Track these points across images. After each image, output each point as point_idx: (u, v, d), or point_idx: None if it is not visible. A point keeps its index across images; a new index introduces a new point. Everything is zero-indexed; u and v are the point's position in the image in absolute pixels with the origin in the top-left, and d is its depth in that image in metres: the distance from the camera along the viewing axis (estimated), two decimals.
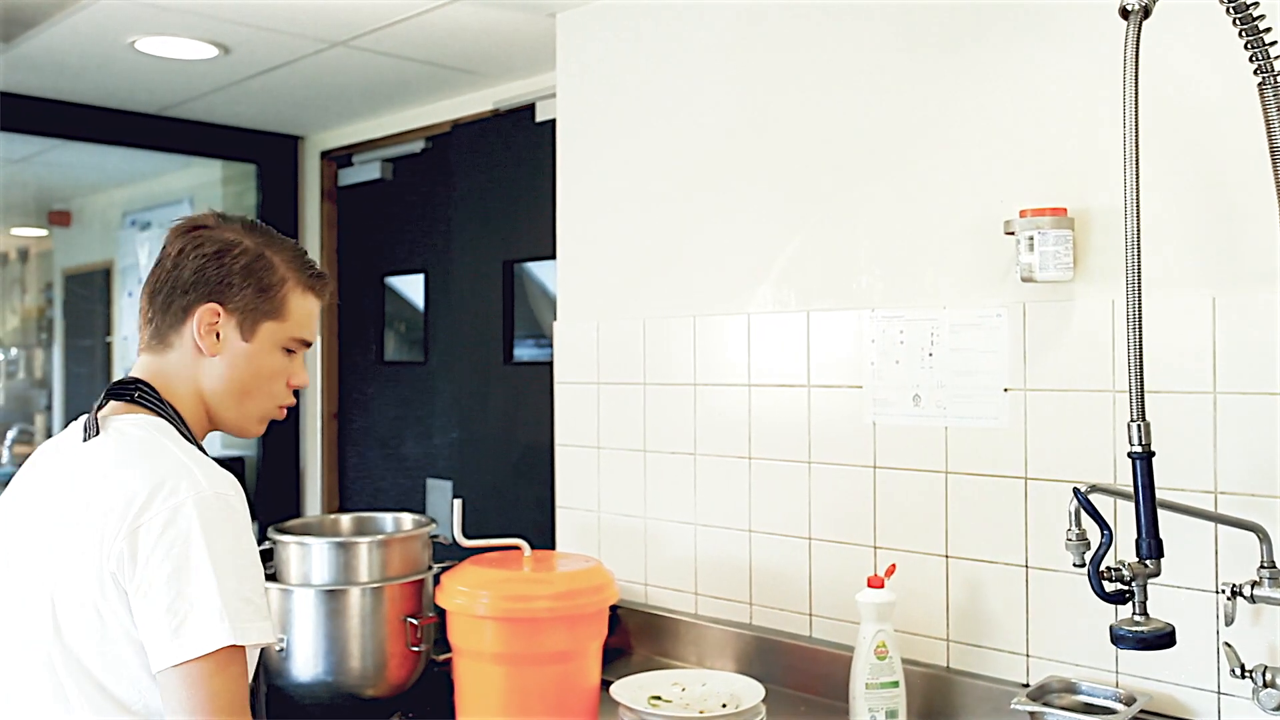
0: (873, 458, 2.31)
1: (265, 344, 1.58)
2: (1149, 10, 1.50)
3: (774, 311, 2.48)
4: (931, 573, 2.22)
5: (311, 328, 1.64)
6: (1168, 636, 1.49)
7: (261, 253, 1.58)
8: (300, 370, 1.65)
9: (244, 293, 1.56)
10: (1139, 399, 1.50)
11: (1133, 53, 1.48)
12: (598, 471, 2.84)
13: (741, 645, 2.50)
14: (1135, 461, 1.49)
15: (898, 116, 2.28)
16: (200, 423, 1.60)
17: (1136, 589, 1.53)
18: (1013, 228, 2.02)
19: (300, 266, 1.62)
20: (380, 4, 2.87)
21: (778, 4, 2.47)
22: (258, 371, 1.58)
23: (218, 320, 1.55)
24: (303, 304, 1.61)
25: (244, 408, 1.60)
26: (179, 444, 1.49)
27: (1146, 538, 1.48)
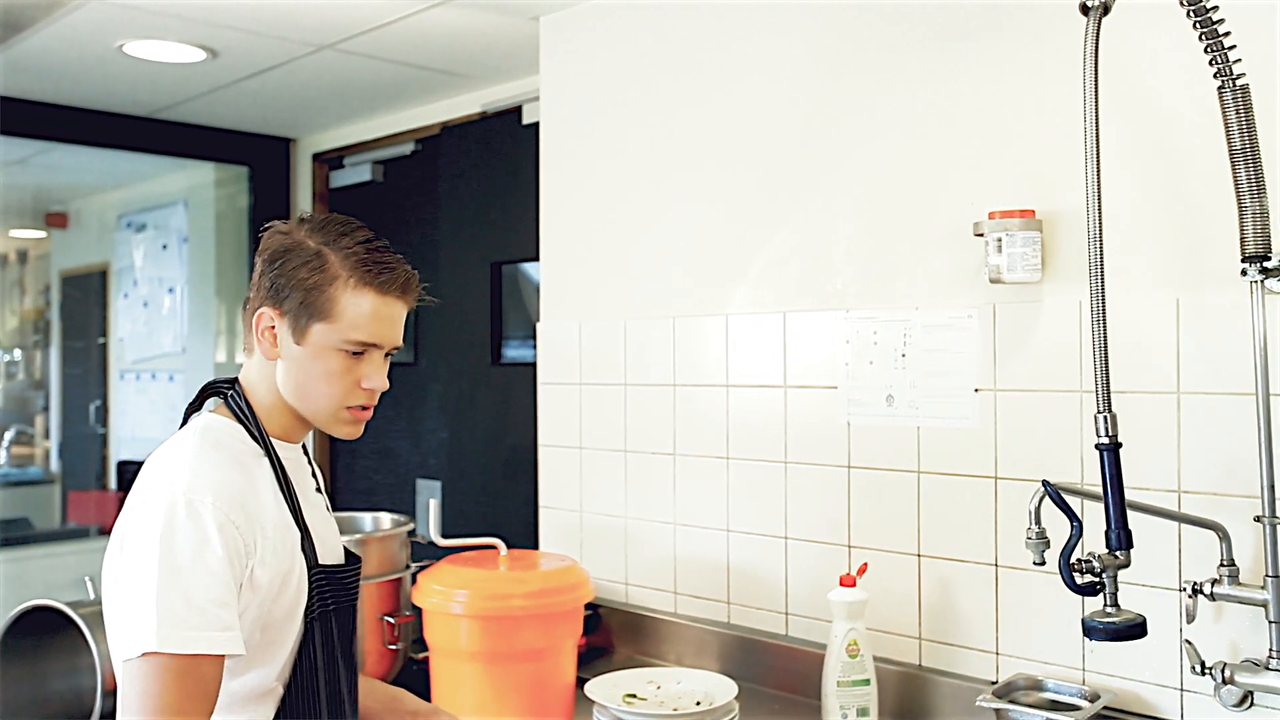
0: (847, 458, 2.33)
1: (317, 346, 1.51)
2: (1108, 7, 1.53)
3: (751, 313, 2.50)
4: (904, 572, 2.24)
5: (371, 328, 1.52)
6: (1139, 627, 1.52)
7: (318, 251, 1.51)
8: (373, 372, 1.55)
9: (295, 294, 1.51)
10: (1105, 391, 1.51)
11: (1092, 48, 1.50)
12: (580, 472, 2.87)
13: (719, 644, 2.52)
14: (1103, 453, 1.52)
15: (872, 121, 2.30)
16: (287, 422, 1.59)
17: (1107, 580, 1.55)
18: (982, 229, 2.04)
19: (359, 262, 1.51)
20: (365, 8, 2.89)
21: (755, 11, 2.49)
22: (312, 374, 1.53)
23: (273, 324, 1.53)
24: (357, 302, 1.51)
25: (311, 409, 1.56)
26: (206, 444, 1.50)
27: (1116, 529, 1.51)
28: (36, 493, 6.21)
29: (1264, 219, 1.68)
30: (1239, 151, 1.66)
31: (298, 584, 1.51)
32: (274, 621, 1.49)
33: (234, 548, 1.41)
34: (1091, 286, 1.54)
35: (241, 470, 1.50)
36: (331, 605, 1.57)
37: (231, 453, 1.52)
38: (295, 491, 1.56)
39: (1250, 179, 1.66)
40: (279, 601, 1.49)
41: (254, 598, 1.45)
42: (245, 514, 1.44)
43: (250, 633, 1.45)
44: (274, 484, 1.53)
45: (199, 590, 1.36)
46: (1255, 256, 1.68)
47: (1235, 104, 1.65)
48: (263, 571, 1.45)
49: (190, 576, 1.36)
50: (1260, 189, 1.67)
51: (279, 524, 1.50)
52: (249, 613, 1.45)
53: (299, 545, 1.52)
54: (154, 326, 5.34)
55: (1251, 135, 1.65)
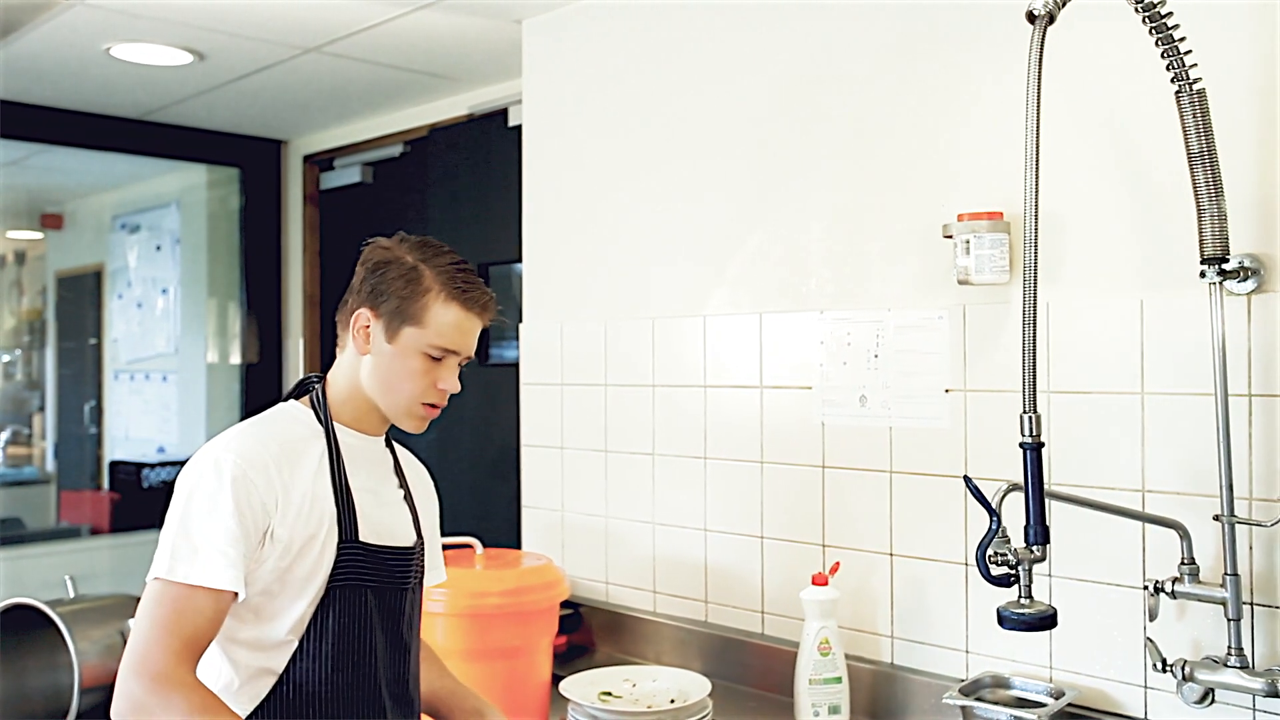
0: (822, 458, 2.35)
1: (405, 347, 1.69)
2: (1053, 16, 1.54)
3: (728, 313, 2.52)
4: (877, 571, 2.26)
5: (453, 337, 1.70)
6: (1049, 618, 1.56)
7: (416, 265, 1.70)
8: (448, 375, 1.72)
9: (391, 300, 1.69)
10: (1031, 392, 1.54)
11: (1037, 57, 1.52)
12: (561, 471, 2.89)
13: (697, 642, 2.54)
14: (1025, 451, 1.54)
15: (846, 124, 2.32)
16: (361, 414, 1.76)
17: (1022, 573, 1.58)
18: (951, 231, 2.06)
19: (449, 280, 1.70)
20: (349, 11, 2.91)
21: (733, 17, 2.51)
22: (397, 372, 1.69)
23: (369, 324, 1.71)
24: (444, 313, 1.69)
25: (389, 402, 1.72)
26: (261, 419, 1.72)
27: (1034, 524, 1.54)
28: (32, 493, 6.23)
29: (1222, 221, 1.70)
30: (1196, 154, 1.68)
31: (321, 550, 1.65)
32: (294, 578, 1.63)
33: (247, 500, 1.58)
34: (1025, 291, 1.56)
35: (283, 441, 1.67)
36: (370, 581, 1.70)
37: (280, 427, 1.71)
38: (346, 472, 1.71)
39: (1208, 181, 1.68)
40: (301, 560, 1.63)
41: (273, 549, 1.61)
42: (266, 475, 1.61)
43: (268, 581, 1.62)
44: (323, 460, 1.69)
45: (202, 532, 1.55)
46: (1213, 259, 1.70)
47: (1192, 107, 1.67)
48: (282, 530, 1.61)
49: (199, 520, 1.56)
50: (1218, 191, 1.69)
51: (311, 493, 1.66)
52: (268, 563, 1.61)
53: (333, 517, 1.66)
54: (147, 327, 5.36)
55: (1209, 138, 1.67)
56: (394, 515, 1.80)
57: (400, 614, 1.77)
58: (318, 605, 1.66)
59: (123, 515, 4.93)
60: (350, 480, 1.72)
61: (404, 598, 1.77)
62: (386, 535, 1.75)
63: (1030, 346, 1.58)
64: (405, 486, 1.86)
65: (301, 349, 4.54)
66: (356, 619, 1.69)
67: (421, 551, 1.83)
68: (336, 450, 1.72)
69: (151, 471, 4.85)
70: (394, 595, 1.75)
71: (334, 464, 1.71)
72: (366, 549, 1.70)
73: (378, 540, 1.73)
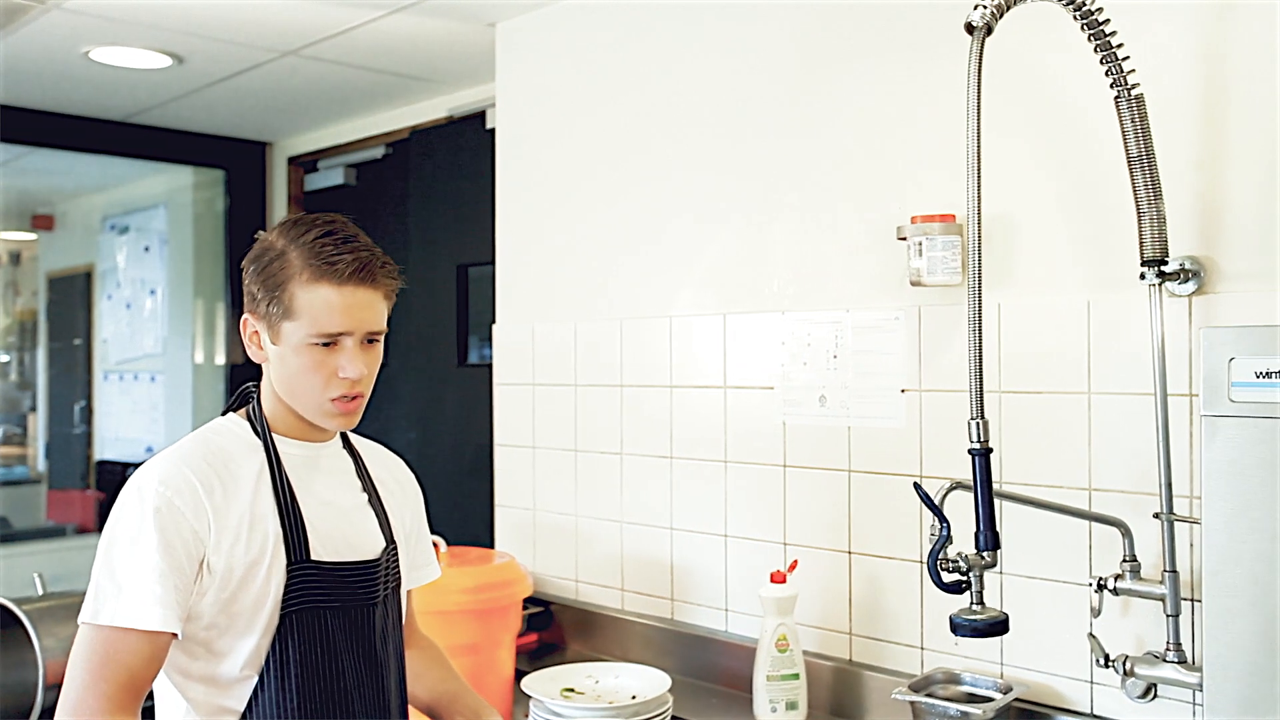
0: (783, 457, 2.38)
1: (290, 344, 1.55)
2: (991, 28, 1.57)
3: (693, 314, 2.55)
4: (836, 569, 2.29)
5: (333, 319, 1.53)
6: (1001, 624, 1.56)
7: (282, 251, 1.55)
8: (347, 361, 1.55)
9: (263, 297, 1.56)
10: (978, 398, 1.56)
11: (976, 66, 1.54)
12: (533, 471, 2.92)
13: (663, 640, 2.57)
14: (974, 457, 1.55)
15: (806, 128, 2.34)
16: (292, 420, 1.64)
17: (973, 579, 1.59)
18: (904, 233, 2.08)
19: (312, 255, 1.52)
20: (324, 15, 2.94)
21: (699, 25, 2.54)
22: (293, 370, 1.56)
23: (256, 329, 1.59)
24: (313, 296, 1.52)
25: (300, 404, 1.60)
26: (192, 438, 1.60)
27: (984, 530, 1.55)
28: (23, 492, 6.27)
29: (1161, 224, 1.72)
30: (1135, 158, 1.71)
31: (267, 576, 1.53)
32: (240, 610, 1.52)
33: (175, 531, 1.47)
34: (969, 297, 1.57)
35: (215, 461, 1.55)
36: (329, 602, 1.57)
37: (213, 445, 1.58)
38: (291, 486, 1.58)
39: (1146, 185, 1.71)
40: (245, 590, 1.52)
41: (211, 581, 1.49)
42: (195, 501, 1.49)
43: (212, 615, 1.51)
44: (262, 476, 1.57)
45: (126, 570, 1.45)
46: (1153, 261, 1.73)
47: (1130, 112, 1.69)
48: (217, 559, 1.49)
49: (122, 556, 1.46)
50: (1157, 194, 1.71)
51: (250, 515, 1.53)
52: (208, 595, 1.50)
53: (278, 538, 1.54)
54: (136, 328, 5.39)
55: (1147, 142, 1.70)
56: (355, 525, 1.67)
57: (371, 630, 1.63)
58: (274, 636, 1.53)
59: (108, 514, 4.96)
60: (297, 494, 1.59)
61: (373, 613, 1.64)
62: (345, 549, 1.62)
63: (976, 352, 1.59)
64: (371, 489, 1.73)
65: None
66: (319, 646, 1.56)
67: (393, 557, 1.70)
68: (277, 463, 1.59)
69: None
70: (361, 612, 1.62)
71: (276, 479, 1.58)
72: (321, 568, 1.57)
73: (335, 556, 1.60)
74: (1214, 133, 1.79)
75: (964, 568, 1.58)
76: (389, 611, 1.68)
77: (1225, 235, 1.77)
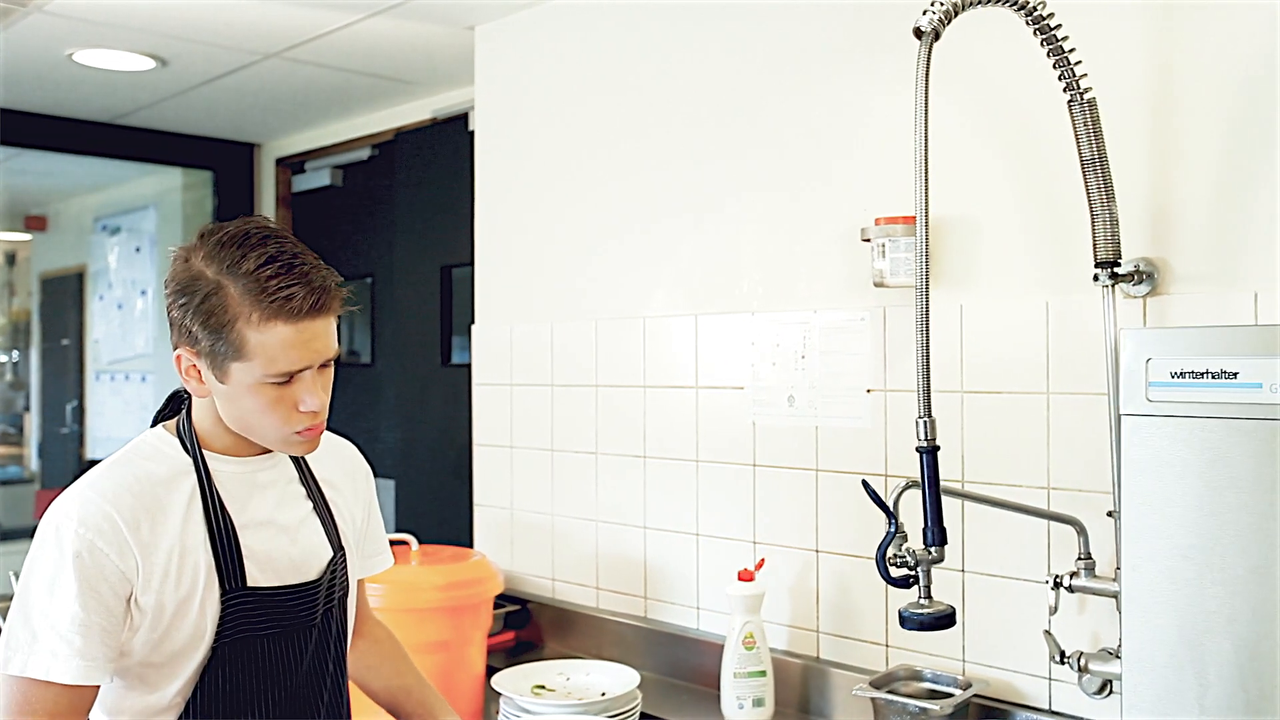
0: (753, 456, 2.40)
1: (242, 384, 1.42)
2: (939, 33, 1.59)
3: (666, 315, 2.57)
4: (804, 567, 2.31)
5: (289, 356, 1.40)
6: (948, 618, 1.59)
7: (218, 284, 1.39)
8: (307, 394, 1.44)
9: (204, 336, 1.40)
10: (925, 397, 1.58)
11: (924, 71, 1.57)
12: (511, 470, 2.94)
13: (636, 638, 2.59)
14: (922, 455, 1.58)
15: (775, 131, 2.37)
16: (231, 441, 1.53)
17: (921, 574, 1.62)
18: (868, 235, 2.11)
19: (259, 292, 1.38)
20: (304, 18, 2.97)
21: (673, 35, 2.56)
22: (247, 409, 1.44)
23: (194, 364, 1.45)
24: (265, 337, 1.38)
25: (259, 437, 1.49)
26: (116, 463, 1.48)
27: (931, 526, 1.58)
28: (17, 492, 6.31)
29: (1114, 226, 1.75)
30: (1088, 161, 1.73)
31: (201, 609, 1.45)
32: (174, 646, 1.45)
33: (98, 574, 1.37)
34: (918, 298, 1.60)
35: (138, 494, 1.44)
36: (265, 628, 1.50)
37: (138, 470, 1.47)
38: (226, 509, 1.49)
39: (1099, 187, 1.73)
40: (179, 627, 1.44)
41: (142, 620, 1.42)
42: (118, 541, 1.39)
43: (145, 654, 1.44)
44: (193, 502, 1.47)
45: (42, 617, 1.36)
46: (1106, 263, 1.75)
47: (1083, 115, 1.72)
48: (147, 598, 1.41)
49: (37, 603, 1.36)
50: (1109, 197, 1.74)
51: (180, 548, 1.44)
52: (140, 634, 1.42)
53: (210, 568, 1.45)
54: (127, 328, 5.42)
55: (1099, 145, 1.72)
56: (298, 543, 1.57)
57: (303, 653, 1.56)
58: (205, 666, 1.46)
59: None
60: (234, 517, 1.49)
61: (310, 634, 1.57)
62: (288, 571, 1.54)
63: (924, 352, 1.62)
64: (316, 494, 1.63)
65: None
66: (249, 674, 1.49)
67: (340, 566, 1.63)
68: (209, 485, 1.48)
69: None
70: (299, 634, 1.55)
71: (208, 503, 1.47)
72: (258, 594, 1.49)
73: (276, 580, 1.52)
74: (1167, 135, 1.81)
75: (912, 563, 1.61)
76: (331, 625, 1.61)
77: (1178, 237, 1.79)
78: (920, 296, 1.59)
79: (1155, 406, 1.12)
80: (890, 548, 1.66)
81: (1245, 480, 1.07)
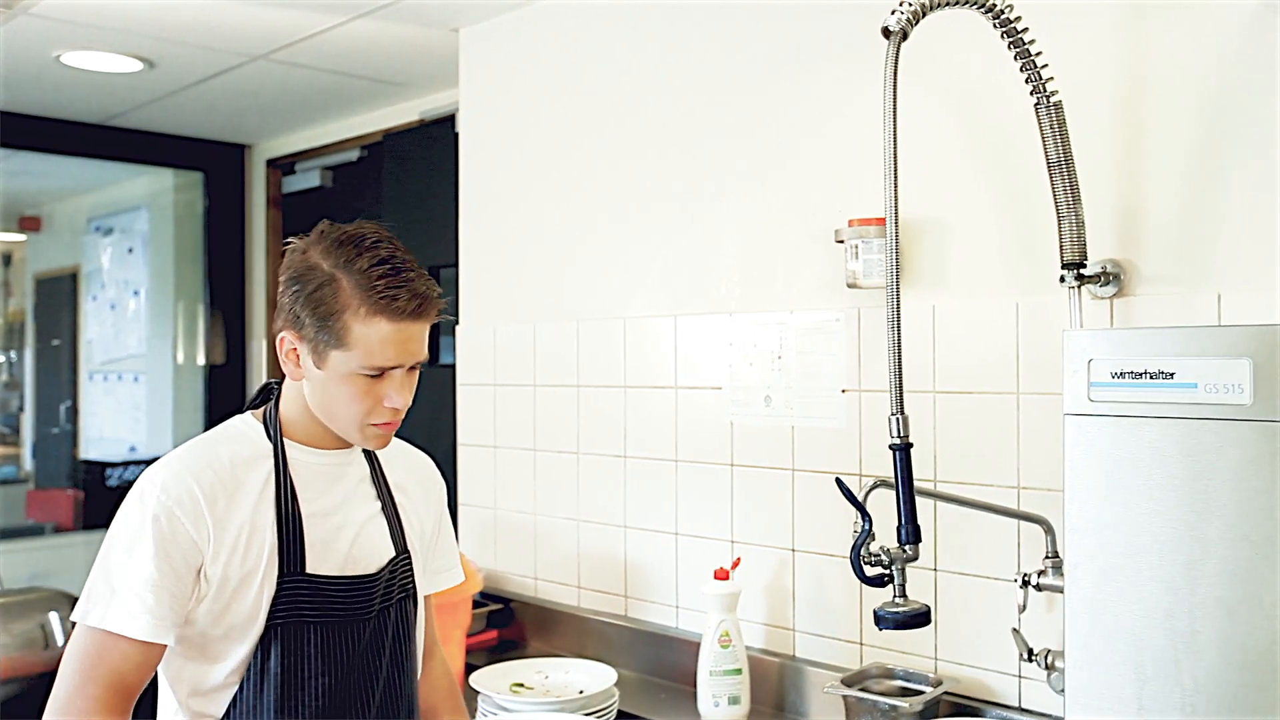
0: (730, 456, 2.42)
1: (337, 372, 1.51)
2: (906, 33, 1.60)
3: (646, 316, 2.59)
4: (780, 566, 2.33)
5: (386, 353, 1.49)
6: (922, 616, 1.59)
7: (332, 276, 1.49)
8: (394, 391, 1.53)
9: (311, 322, 1.50)
10: (898, 395, 1.59)
11: (892, 71, 1.58)
12: (494, 470, 2.96)
13: (617, 636, 2.61)
14: (895, 453, 1.59)
15: (753, 132, 2.38)
16: (315, 431, 1.61)
17: (896, 573, 1.62)
18: (842, 236, 2.12)
19: (371, 289, 1.48)
20: (289, 21, 2.98)
21: (653, 41, 2.58)
22: (336, 396, 1.53)
23: (295, 348, 1.54)
24: (368, 331, 1.47)
25: (338, 426, 1.57)
26: (202, 440, 1.59)
27: (906, 524, 1.58)
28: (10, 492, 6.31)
29: (1079, 227, 1.76)
30: (1055, 163, 1.74)
31: (260, 588, 1.52)
32: (233, 620, 1.51)
33: (172, 540, 1.46)
34: (889, 297, 1.61)
35: (221, 468, 1.53)
36: (313, 616, 1.55)
37: (222, 450, 1.56)
38: (297, 496, 1.56)
39: (1065, 189, 1.75)
40: (240, 601, 1.51)
41: (207, 590, 1.49)
42: (195, 511, 1.48)
43: (205, 624, 1.51)
44: (268, 485, 1.55)
45: (121, 575, 1.46)
46: (1072, 264, 1.77)
47: (1050, 118, 1.73)
48: (214, 569, 1.49)
49: (117, 562, 1.47)
50: (1075, 199, 1.75)
51: (249, 525, 1.52)
52: (203, 604, 1.50)
53: (273, 549, 1.52)
54: (120, 328, 5.44)
55: (1065, 148, 1.74)
56: (360, 537, 1.63)
57: (355, 646, 1.60)
58: (258, 646, 1.52)
59: (87, 513, 5.01)
60: (302, 505, 1.57)
61: (364, 628, 1.61)
62: (347, 563, 1.60)
63: (896, 350, 1.63)
64: (386, 496, 1.70)
65: (265, 351, 4.61)
66: (299, 658, 1.54)
67: (402, 567, 1.68)
68: (285, 472, 1.57)
69: (115, 470, 4.92)
70: (352, 628, 1.59)
71: (281, 488, 1.55)
72: (313, 582, 1.55)
73: (334, 570, 1.58)
74: (1134, 138, 1.83)
75: (886, 561, 1.62)
76: (388, 624, 1.65)
77: (1145, 239, 1.81)
78: (890, 295, 1.61)
79: (1097, 406, 1.14)
80: (864, 546, 1.67)
81: (1181, 479, 1.08)
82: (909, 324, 2.11)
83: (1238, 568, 1.05)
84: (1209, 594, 1.07)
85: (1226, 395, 1.04)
